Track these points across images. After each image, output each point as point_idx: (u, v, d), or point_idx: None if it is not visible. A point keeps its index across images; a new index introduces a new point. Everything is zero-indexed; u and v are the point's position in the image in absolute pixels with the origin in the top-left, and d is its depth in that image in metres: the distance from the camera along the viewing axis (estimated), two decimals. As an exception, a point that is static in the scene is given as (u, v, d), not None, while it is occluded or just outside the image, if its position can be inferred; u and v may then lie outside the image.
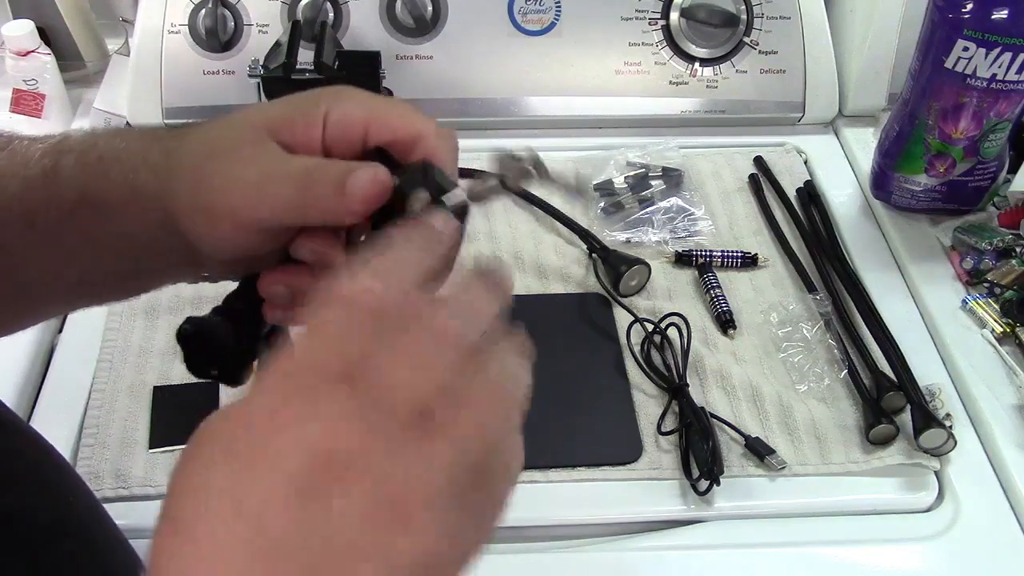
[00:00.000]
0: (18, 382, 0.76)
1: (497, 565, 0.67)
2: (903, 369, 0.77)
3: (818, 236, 0.92)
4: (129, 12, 1.11)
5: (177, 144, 0.45)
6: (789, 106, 1.04)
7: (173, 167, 0.44)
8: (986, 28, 0.79)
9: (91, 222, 0.45)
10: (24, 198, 0.45)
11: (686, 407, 0.74)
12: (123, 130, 0.47)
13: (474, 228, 0.91)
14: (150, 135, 0.47)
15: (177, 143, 0.45)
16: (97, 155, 0.45)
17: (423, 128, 0.44)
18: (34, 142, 0.47)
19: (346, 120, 0.44)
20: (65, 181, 0.45)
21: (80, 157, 0.46)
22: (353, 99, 0.44)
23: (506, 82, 1.02)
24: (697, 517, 0.70)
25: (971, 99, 0.82)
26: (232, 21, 1.00)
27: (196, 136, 0.45)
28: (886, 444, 0.73)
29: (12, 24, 1.00)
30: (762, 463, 0.72)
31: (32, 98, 1.01)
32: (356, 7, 1.00)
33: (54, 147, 0.46)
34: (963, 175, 0.88)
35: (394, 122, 0.44)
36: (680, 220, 0.93)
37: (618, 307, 0.84)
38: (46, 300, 0.50)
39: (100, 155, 0.45)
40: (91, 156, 0.45)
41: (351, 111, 0.44)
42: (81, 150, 0.46)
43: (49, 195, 0.45)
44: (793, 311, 0.83)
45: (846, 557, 0.69)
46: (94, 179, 0.45)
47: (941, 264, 0.89)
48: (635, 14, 1.02)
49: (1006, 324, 0.81)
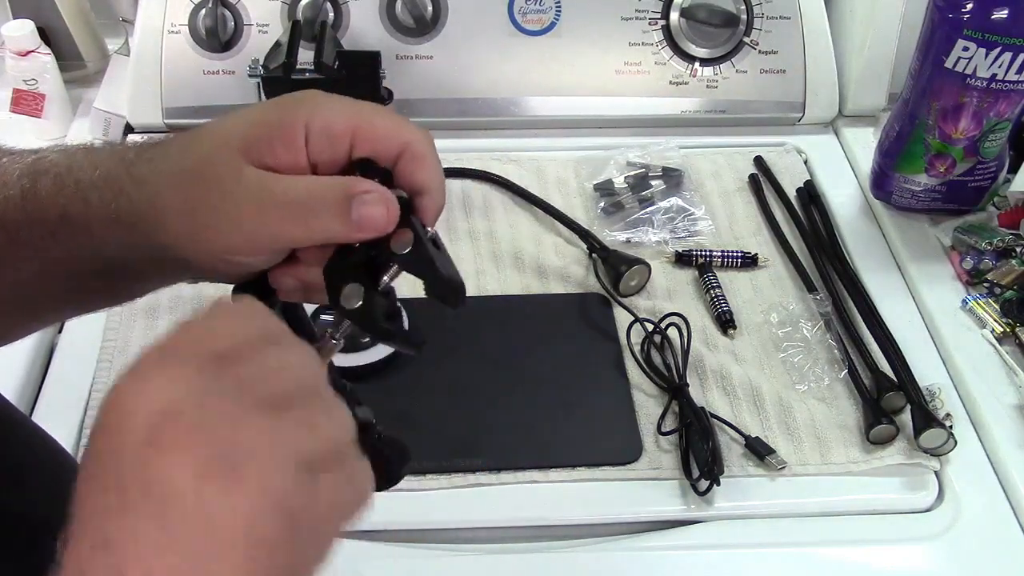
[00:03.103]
0: (18, 382, 0.76)
1: (497, 565, 0.68)
2: (903, 369, 0.77)
3: (818, 236, 0.92)
4: (129, 12, 1.11)
5: (148, 171, 0.43)
6: (789, 106, 1.04)
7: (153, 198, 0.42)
8: (986, 28, 0.79)
9: (76, 242, 0.44)
10: (5, 215, 0.44)
11: (686, 407, 0.74)
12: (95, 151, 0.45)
13: (475, 228, 0.91)
14: (119, 159, 0.44)
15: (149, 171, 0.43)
16: (74, 180, 0.44)
17: (410, 137, 0.43)
18: (12, 160, 0.45)
19: (330, 130, 0.42)
20: (45, 202, 0.44)
21: (57, 180, 0.44)
22: (333, 107, 0.42)
23: (506, 82, 1.02)
24: (697, 517, 0.70)
25: (971, 99, 0.82)
26: (232, 21, 1.00)
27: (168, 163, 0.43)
28: (886, 444, 0.73)
29: (12, 24, 0.99)
30: (762, 463, 0.72)
31: (32, 98, 1.01)
32: (356, 7, 1.00)
33: (31, 167, 0.45)
34: (963, 175, 0.88)
35: (379, 131, 0.42)
36: (680, 220, 0.93)
37: (618, 307, 0.84)
38: (37, 310, 0.50)
39: (77, 180, 0.44)
40: (68, 180, 0.44)
41: (334, 121, 0.42)
42: (57, 173, 0.44)
43: (30, 215, 0.44)
44: (793, 311, 0.83)
45: (846, 557, 0.69)
46: (74, 204, 0.43)
47: (941, 264, 0.89)
48: (635, 14, 1.02)
49: (1006, 324, 0.81)
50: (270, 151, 0.41)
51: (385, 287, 0.42)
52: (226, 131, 0.42)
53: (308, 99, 0.42)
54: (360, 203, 0.40)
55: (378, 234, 0.41)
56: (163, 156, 0.44)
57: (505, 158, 0.99)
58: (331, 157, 0.42)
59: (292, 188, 0.41)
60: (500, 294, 0.86)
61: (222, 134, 0.42)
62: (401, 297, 0.82)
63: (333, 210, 0.40)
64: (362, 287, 0.41)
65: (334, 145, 0.42)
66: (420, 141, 0.43)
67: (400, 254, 0.42)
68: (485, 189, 0.96)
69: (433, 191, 0.43)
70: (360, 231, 0.41)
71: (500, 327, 0.83)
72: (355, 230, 0.41)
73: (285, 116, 0.42)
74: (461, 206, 0.94)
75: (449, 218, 0.92)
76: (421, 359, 0.78)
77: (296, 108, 0.42)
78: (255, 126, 0.42)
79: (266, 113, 0.43)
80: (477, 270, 0.88)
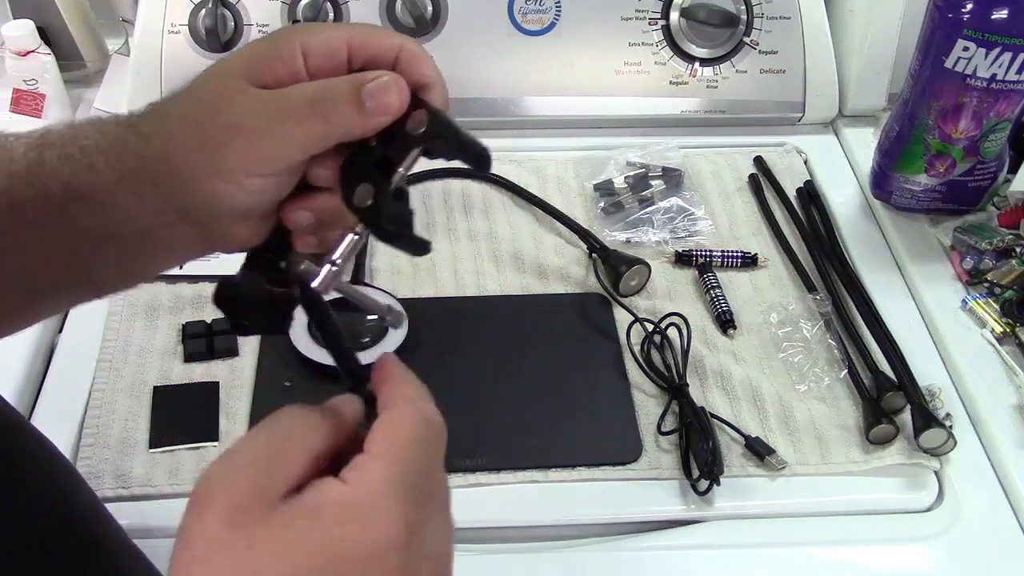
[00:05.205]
0: (18, 382, 0.76)
1: (497, 565, 0.68)
2: (903, 369, 0.77)
3: (818, 236, 0.92)
4: (129, 12, 1.11)
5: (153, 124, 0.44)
6: (789, 106, 1.04)
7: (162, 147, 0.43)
8: (986, 28, 0.79)
9: (82, 213, 0.45)
10: (11, 192, 0.45)
11: (686, 407, 0.74)
12: (99, 121, 0.46)
13: (474, 228, 0.92)
14: (124, 123, 0.46)
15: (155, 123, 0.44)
16: (79, 147, 0.45)
17: (402, 41, 0.44)
18: (19, 138, 0.46)
19: (328, 43, 0.43)
20: (50, 175, 0.45)
21: (62, 150, 0.45)
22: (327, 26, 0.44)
23: (506, 82, 1.02)
24: (697, 517, 0.70)
25: (971, 99, 0.83)
26: (232, 21, 1.00)
27: (174, 109, 0.44)
28: (886, 444, 0.73)
29: (12, 24, 1.00)
30: (762, 463, 0.72)
31: (32, 98, 1.01)
32: (356, 7, 1.00)
33: (37, 141, 0.46)
34: (963, 175, 0.88)
35: (373, 38, 0.43)
36: (680, 220, 0.93)
37: (618, 307, 0.84)
38: (46, 295, 0.50)
39: (82, 147, 0.45)
40: (72, 149, 0.45)
41: (330, 36, 0.43)
42: (62, 143, 0.45)
43: (36, 190, 0.45)
44: (793, 311, 0.83)
45: (846, 557, 0.69)
46: (78, 171, 0.44)
47: (941, 264, 0.89)
48: (635, 14, 1.02)
49: (1006, 324, 0.81)
50: (271, 71, 0.42)
51: (399, 183, 0.42)
52: (224, 65, 0.44)
53: (300, 25, 0.45)
54: (372, 89, 0.41)
55: (393, 117, 0.42)
56: (165, 107, 0.45)
57: (505, 158, 0.99)
58: (331, 72, 0.43)
59: (303, 89, 0.42)
60: (500, 294, 0.86)
61: (220, 68, 0.44)
62: (401, 298, 0.83)
63: (347, 100, 0.41)
64: (374, 188, 0.42)
65: (332, 58, 0.43)
66: (413, 43, 0.44)
67: (418, 132, 0.42)
68: (485, 189, 0.96)
69: (437, 82, 0.44)
70: (376, 116, 0.41)
71: (500, 327, 0.83)
72: (371, 116, 0.41)
73: (281, 39, 0.43)
74: (461, 206, 0.94)
75: (449, 218, 0.92)
76: (421, 359, 0.78)
77: (290, 32, 0.44)
78: (253, 54, 0.43)
79: (261, 42, 0.44)
80: (477, 270, 0.88)
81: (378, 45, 0.43)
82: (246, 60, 0.43)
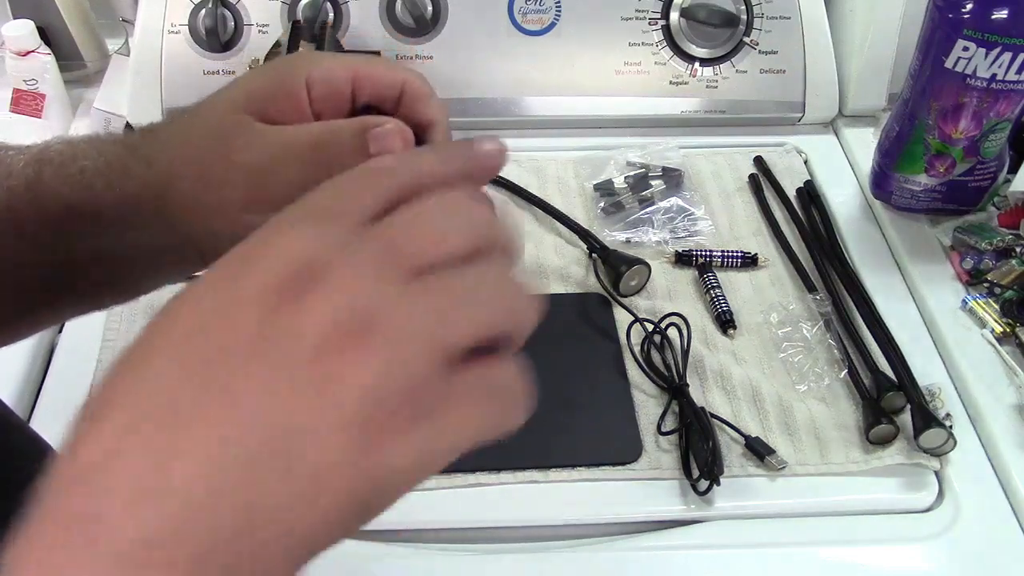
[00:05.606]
0: (18, 382, 0.76)
1: (497, 565, 0.67)
2: (903, 369, 0.77)
3: (818, 236, 0.92)
4: (129, 12, 1.11)
5: (155, 149, 0.44)
6: (789, 106, 1.04)
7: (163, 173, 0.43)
8: (986, 28, 0.79)
9: (81, 231, 0.44)
10: (11, 207, 0.44)
11: (686, 407, 0.74)
12: (98, 140, 0.45)
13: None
14: (123, 144, 0.45)
15: (157, 149, 0.44)
16: (78, 168, 0.44)
17: (407, 76, 0.43)
18: (18, 153, 0.46)
19: (331, 79, 0.42)
20: (48, 193, 0.44)
21: (60, 169, 0.44)
22: (332, 59, 0.43)
23: (506, 82, 1.02)
24: (697, 517, 0.70)
25: (971, 99, 0.82)
26: (232, 21, 1.00)
27: (176, 136, 0.44)
28: (886, 444, 0.73)
29: (12, 24, 1.00)
30: (762, 463, 0.72)
31: (32, 98, 1.01)
32: (356, 7, 1.00)
33: (35, 157, 0.45)
34: (963, 175, 0.88)
35: (378, 74, 0.43)
36: (680, 220, 0.93)
37: (618, 307, 0.84)
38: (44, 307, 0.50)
39: (81, 168, 0.44)
40: (72, 168, 0.44)
41: (334, 69, 0.43)
42: (61, 162, 0.45)
43: (35, 206, 0.44)
44: (793, 311, 0.83)
45: (846, 557, 0.69)
46: (78, 191, 0.44)
47: (941, 264, 0.89)
48: (635, 14, 1.02)
49: (1006, 324, 0.81)
50: (275, 106, 0.42)
51: None
52: (228, 95, 0.43)
53: (304, 55, 0.44)
54: (375, 135, 0.40)
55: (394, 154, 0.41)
56: (167, 132, 0.44)
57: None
58: (334, 106, 0.43)
59: (307, 131, 0.41)
60: (500, 294, 0.85)
61: (224, 99, 0.43)
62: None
63: (352, 145, 0.40)
64: None
65: (336, 93, 0.43)
66: (418, 78, 0.44)
67: None
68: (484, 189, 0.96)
69: (440, 123, 0.44)
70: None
71: (500, 327, 0.83)
72: None
73: (285, 72, 0.43)
74: (461, 206, 0.94)
75: (449, 218, 0.92)
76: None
77: (295, 63, 0.43)
78: (257, 86, 0.43)
79: (266, 73, 0.44)
80: (477, 270, 0.87)
81: (382, 80, 0.43)
82: (250, 92, 0.43)
